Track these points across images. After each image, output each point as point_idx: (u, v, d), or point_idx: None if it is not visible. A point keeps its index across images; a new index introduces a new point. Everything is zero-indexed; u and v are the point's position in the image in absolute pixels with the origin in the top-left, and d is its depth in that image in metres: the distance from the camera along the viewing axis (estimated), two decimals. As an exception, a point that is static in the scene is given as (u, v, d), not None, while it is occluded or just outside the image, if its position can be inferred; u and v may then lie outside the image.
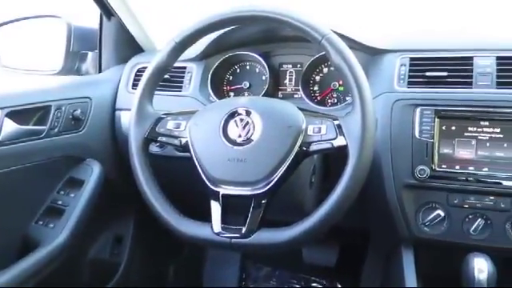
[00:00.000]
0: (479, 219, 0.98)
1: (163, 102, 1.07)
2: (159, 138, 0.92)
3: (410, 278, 1.04)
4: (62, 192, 1.19)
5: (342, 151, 0.80)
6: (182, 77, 1.25)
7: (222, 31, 1.14)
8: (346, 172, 0.78)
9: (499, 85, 0.96)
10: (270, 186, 0.81)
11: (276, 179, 0.81)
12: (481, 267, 0.88)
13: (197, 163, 0.86)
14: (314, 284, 1.69)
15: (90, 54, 1.41)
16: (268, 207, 0.82)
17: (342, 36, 0.88)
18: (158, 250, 1.63)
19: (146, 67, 0.95)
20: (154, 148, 1.16)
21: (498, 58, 0.98)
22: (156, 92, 0.96)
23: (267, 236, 0.82)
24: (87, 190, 1.19)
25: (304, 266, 1.61)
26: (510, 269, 1.07)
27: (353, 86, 0.80)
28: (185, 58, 1.22)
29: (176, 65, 0.97)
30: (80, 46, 1.36)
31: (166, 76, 1.05)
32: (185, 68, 1.26)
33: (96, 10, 1.36)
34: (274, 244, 0.81)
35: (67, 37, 1.31)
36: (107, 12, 1.35)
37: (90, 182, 1.20)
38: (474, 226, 0.98)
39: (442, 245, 1.03)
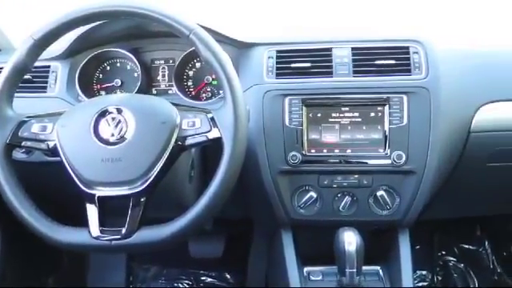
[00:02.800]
0: (347, 197, 1.07)
1: (26, 104, 0.99)
2: (23, 143, 0.85)
3: (290, 257, 1.11)
4: None
5: (218, 143, 0.82)
6: (46, 77, 1.17)
7: (88, 27, 1.08)
8: (222, 163, 0.80)
9: (355, 73, 1.06)
10: (147, 183, 0.80)
11: (153, 176, 0.80)
12: (350, 240, 0.96)
13: (68, 167, 0.82)
14: (203, 278, 1.70)
15: None
16: (147, 205, 0.81)
17: (209, 30, 0.90)
18: (34, 263, 1.52)
19: (1, 68, 0.88)
20: (18, 154, 1.08)
21: (353, 48, 1.08)
22: (17, 94, 0.89)
23: (148, 234, 0.81)
24: None
25: (192, 260, 1.62)
26: (376, 239, 1.19)
27: (223, 78, 0.82)
28: (48, 56, 1.15)
29: (38, 64, 0.91)
30: None
31: (26, 76, 0.98)
32: (49, 67, 1.18)
33: None
34: (157, 241, 0.81)
35: None
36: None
37: None
38: (342, 204, 1.07)
39: (316, 224, 1.11)
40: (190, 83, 1.22)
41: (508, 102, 1.08)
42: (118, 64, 1.23)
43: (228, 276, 1.71)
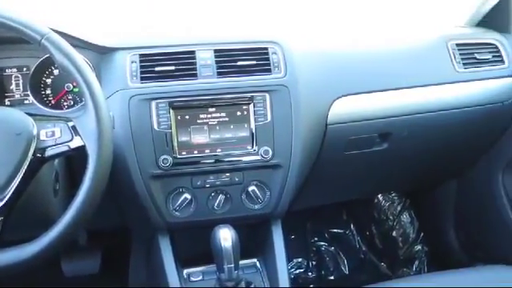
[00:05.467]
0: (220, 195, 1.09)
1: None
2: None
3: (169, 261, 1.10)
4: None
5: (82, 152, 0.79)
6: None
7: None
8: (88, 173, 0.77)
9: (219, 74, 1.08)
10: (4, 201, 0.74)
11: (11, 193, 0.75)
12: (225, 236, 0.98)
13: None
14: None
15: None
16: (6, 225, 0.75)
17: (65, 35, 0.86)
18: None
19: None
20: None
21: (216, 50, 1.11)
22: None
23: (10, 256, 0.75)
24: None
25: (66, 280, 1.53)
26: (252, 233, 1.24)
27: (81, 85, 0.79)
28: None
29: None
30: None
31: None
32: None
33: None
34: (20, 262, 0.75)
35: None
36: None
37: None
38: (216, 202, 1.09)
39: (193, 225, 1.11)
40: (48, 92, 1.15)
41: (357, 95, 1.20)
42: None
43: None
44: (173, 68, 1.07)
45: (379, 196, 1.94)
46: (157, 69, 1.07)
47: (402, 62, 1.28)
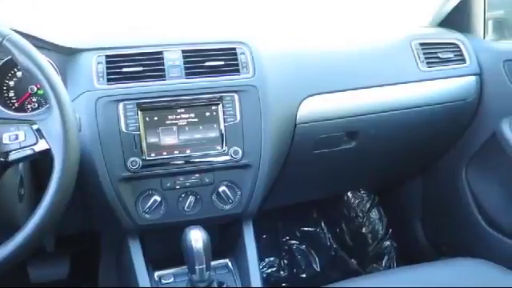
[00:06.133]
0: (190, 196, 1.09)
1: None
2: None
3: (139, 265, 1.09)
4: None
5: (47, 155, 0.77)
6: None
7: None
8: (53, 176, 0.76)
9: (187, 75, 1.08)
10: (-35, 208, 0.72)
11: None
12: (196, 238, 0.98)
13: None
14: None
15: None
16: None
17: (27, 36, 0.84)
18: None
19: None
20: None
21: (184, 51, 1.10)
22: None
23: None
24: None
25: (33, 286, 1.49)
26: (223, 233, 1.24)
27: (46, 86, 0.78)
28: None
29: None
30: None
31: None
32: None
33: None
34: None
35: None
36: None
37: None
38: (187, 204, 1.09)
39: (163, 227, 1.11)
40: (11, 94, 1.11)
41: (324, 94, 1.22)
42: None
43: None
44: (140, 69, 1.06)
45: (349, 194, 1.97)
46: (124, 70, 1.05)
47: (368, 62, 1.31)
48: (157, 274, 1.13)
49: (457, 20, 1.47)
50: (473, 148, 1.47)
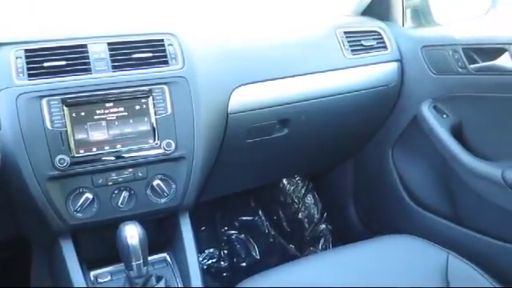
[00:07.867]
0: (124, 192, 1.07)
1: None
2: None
3: (73, 266, 1.06)
4: None
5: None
6: None
7: None
8: None
9: (114, 68, 1.05)
10: None
11: None
12: (131, 233, 0.96)
13: None
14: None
15: None
16: None
17: None
18: None
19: None
20: None
21: (109, 43, 1.07)
22: None
23: None
24: None
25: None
26: (160, 227, 1.23)
27: None
28: None
29: None
30: None
31: None
32: None
33: None
34: None
35: None
36: None
37: None
38: (120, 200, 1.07)
39: (97, 225, 1.08)
40: None
41: (254, 83, 1.23)
42: None
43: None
44: (64, 63, 1.02)
45: (284, 181, 2.02)
46: (45, 64, 1.01)
47: (295, 51, 1.34)
48: (92, 273, 1.11)
49: (378, 9, 1.53)
50: (397, 131, 1.55)
